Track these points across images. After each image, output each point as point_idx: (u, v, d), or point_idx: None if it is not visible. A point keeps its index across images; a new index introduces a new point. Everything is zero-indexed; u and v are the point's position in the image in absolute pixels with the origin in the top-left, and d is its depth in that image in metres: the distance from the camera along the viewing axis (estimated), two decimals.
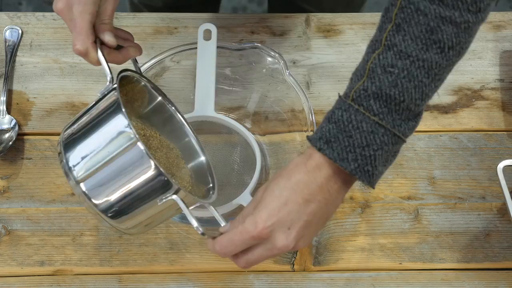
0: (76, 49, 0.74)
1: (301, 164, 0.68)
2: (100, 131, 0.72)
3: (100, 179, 0.71)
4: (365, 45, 1.01)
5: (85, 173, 0.71)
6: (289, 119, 0.91)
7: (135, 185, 0.71)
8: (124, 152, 0.70)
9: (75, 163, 0.72)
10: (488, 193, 0.94)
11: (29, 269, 0.88)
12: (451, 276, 0.90)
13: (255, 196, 0.71)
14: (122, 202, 0.72)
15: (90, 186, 0.71)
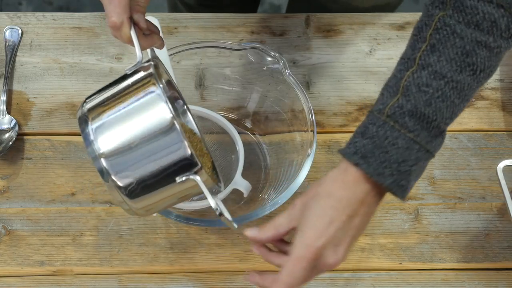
0: (111, 21, 0.73)
1: (339, 180, 0.69)
2: (132, 104, 0.71)
3: (125, 152, 0.70)
4: (365, 45, 1.01)
5: (110, 145, 0.70)
6: (289, 119, 0.91)
7: (160, 160, 0.70)
8: (156, 127, 0.69)
9: (99, 132, 0.70)
10: (488, 193, 0.94)
11: (29, 269, 0.88)
12: (451, 276, 0.90)
13: (290, 211, 0.71)
14: (144, 178, 0.70)
15: (112, 160, 0.70)
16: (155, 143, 0.69)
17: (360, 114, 0.97)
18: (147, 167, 0.70)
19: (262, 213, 0.82)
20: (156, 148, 0.69)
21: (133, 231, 0.90)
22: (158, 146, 0.69)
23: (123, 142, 0.70)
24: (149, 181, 0.70)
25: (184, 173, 0.70)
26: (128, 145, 0.69)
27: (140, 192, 0.71)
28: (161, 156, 0.70)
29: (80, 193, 0.92)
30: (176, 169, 0.70)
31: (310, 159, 0.84)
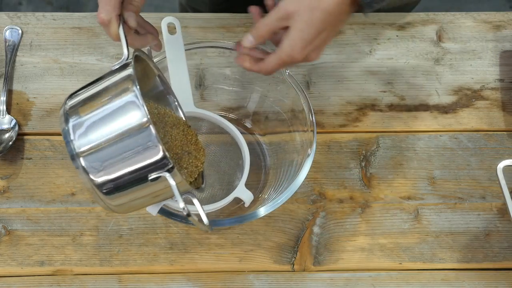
0: (100, 17, 0.75)
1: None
2: (108, 100, 0.72)
3: (101, 151, 0.71)
4: (365, 45, 1.01)
5: (86, 142, 0.71)
6: (289, 119, 0.91)
7: (133, 159, 0.71)
8: (130, 127, 0.70)
9: (77, 131, 0.72)
10: (488, 193, 0.94)
11: (29, 269, 0.88)
12: (451, 276, 0.90)
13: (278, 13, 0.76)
14: (119, 176, 0.72)
15: (89, 158, 0.71)
16: (129, 142, 0.71)
17: (360, 114, 0.97)
18: (121, 165, 0.71)
19: (262, 213, 0.82)
20: (130, 147, 0.71)
21: (133, 231, 0.90)
22: (132, 145, 0.71)
23: (99, 142, 0.71)
24: (124, 179, 0.72)
25: (156, 171, 0.71)
26: (104, 145, 0.71)
27: (115, 190, 0.72)
28: (134, 155, 0.71)
29: (80, 193, 0.92)
30: (149, 167, 0.71)
31: (310, 159, 0.84)
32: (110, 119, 0.72)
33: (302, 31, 0.76)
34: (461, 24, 1.03)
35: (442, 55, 1.01)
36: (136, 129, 0.70)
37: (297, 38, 0.76)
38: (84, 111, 0.73)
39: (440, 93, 0.99)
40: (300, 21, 0.75)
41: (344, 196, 0.93)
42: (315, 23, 0.75)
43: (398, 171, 0.94)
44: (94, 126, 0.72)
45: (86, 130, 0.72)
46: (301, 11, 0.75)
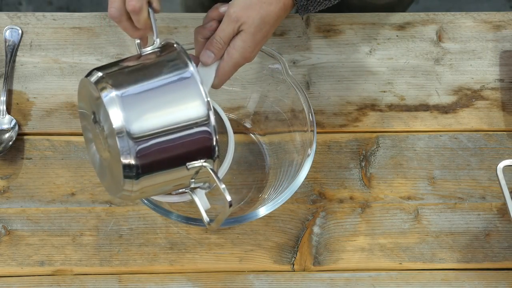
0: (131, 5, 0.75)
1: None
2: (164, 82, 0.71)
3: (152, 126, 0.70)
4: (365, 45, 1.02)
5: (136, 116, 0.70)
6: (289, 119, 0.91)
7: (183, 139, 0.71)
8: (187, 105, 0.71)
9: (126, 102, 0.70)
10: (488, 193, 0.94)
11: (29, 269, 0.88)
12: (451, 276, 0.90)
13: None
14: (162, 156, 0.71)
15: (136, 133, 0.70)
16: (182, 124, 0.71)
17: (360, 114, 0.97)
18: (168, 148, 0.71)
19: (262, 213, 0.82)
20: (182, 129, 0.71)
21: (133, 231, 0.90)
22: (185, 128, 0.71)
23: (152, 119, 0.71)
24: (164, 163, 0.71)
25: (199, 159, 0.72)
26: (155, 123, 0.70)
27: (148, 172, 0.72)
28: (184, 139, 0.71)
29: (80, 193, 0.92)
30: (194, 155, 0.72)
31: (310, 159, 0.84)
32: (164, 97, 0.71)
33: (254, 34, 0.78)
34: (461, 24, 1.03)
35: (442, 55, 1.01)
36: (193, 114, 0.71)
37: (250, 41, 0.79)
38: (131, 84, 0.72)
39: (440, 93, 0.99)
40: (252, 26, 0.78)
41: (344, 196, 0.93)
42: (265, 27, 0.79)
43: (398, 171, 0.94)
44: (146, 101, 0.71)
45: (136, 103, 0.70)
46: (253, 16, 0.78)
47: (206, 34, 0.80)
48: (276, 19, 0.80)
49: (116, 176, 0.74)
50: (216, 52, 0.79)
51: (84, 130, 0.81)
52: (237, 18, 0.78)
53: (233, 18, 0.78)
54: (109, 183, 0.78)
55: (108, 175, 0.78)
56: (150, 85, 0.72)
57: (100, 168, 0.79)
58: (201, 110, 0.72)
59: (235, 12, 0.78)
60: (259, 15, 0.78)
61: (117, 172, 0.73)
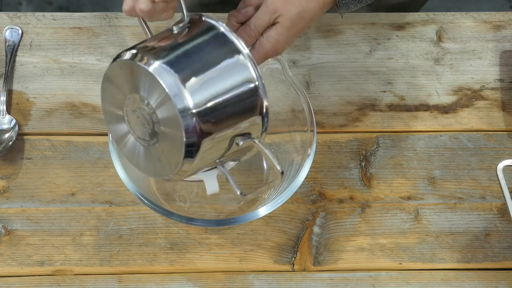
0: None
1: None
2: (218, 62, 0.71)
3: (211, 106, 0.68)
4: (365, 45, 1.02)
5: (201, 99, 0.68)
6: (289, 119, 0.91)
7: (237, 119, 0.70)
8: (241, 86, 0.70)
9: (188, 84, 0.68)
10: (488, 193, 0.94)
11: (29, 269, 0.88)
12: (451, 276, 0.90)
13: None
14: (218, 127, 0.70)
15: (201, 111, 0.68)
16: (235, 94, 0.70)
17: (360, 114, 0.97)
18: (225, 121, 0.70)
19: (262, 213, 0.82)
20: (234, 100, 0.70)
21: (133, 231, 0.90)
22: (237, 99, 0.71)
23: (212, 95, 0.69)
24: (220, 136, 0.71)
25: (248, 135, 0.72)
26: (214, 98, 0.69)
27: (208, 146, 0.70)
28: (237, 116, 0.71)
29: (80, 193, 0.92)
30: (245, 128, 0.72)
31: (310, 159, 0.84)
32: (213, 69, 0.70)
33: (289, 29, 0.78)
34: (461, 24, 1.03)
35: (442, 55, 1.01)
36: (244, 96, 0.70)
37: (284, 35, 0.78)
38: (180, 58, 0.70)
39: (440, 93, 0.99)
40: (289, 19, 0.78)
41: (344, 196, 0.93)
42: (301, 23, 0.79)
43: (398, 171, 0.94)
44: (198, 74, 0.69)
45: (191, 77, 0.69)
46: (290, 10, 0.77)
47: (241, 18, 0.79)
48: (312, 16, 0.79)
49: (170, 158, 0.71)
50: (248, 40, 0.78)
51: (114, 125, 0.77)
52: (275, 9, 0.77)
53: (270, 9, 0.77)
54: (156, 168, 0.75)
55: (154, 161, 0.75)
56: (197, 58, 0.70)
57: (142, 157, 0.76)
58: (250, 76, 0.71)
59: (274, 3, 0.77)
60: (297, 9, 0.77)
61: (172, 153, 0.71)
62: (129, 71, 0.71)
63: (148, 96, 0.70)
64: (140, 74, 0.69)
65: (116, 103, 0.74)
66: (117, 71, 0.72)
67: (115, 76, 0.73)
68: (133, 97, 0.71)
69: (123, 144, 0.77)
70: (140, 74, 0.69)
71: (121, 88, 0.73)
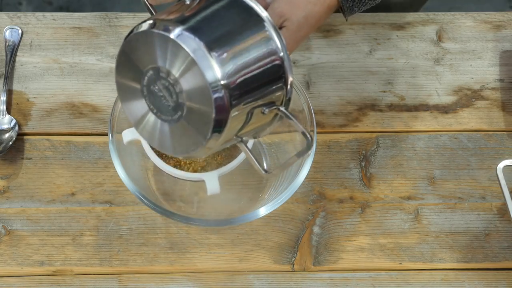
0: None
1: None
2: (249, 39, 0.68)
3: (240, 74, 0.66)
4: (365, 45, 1.02)
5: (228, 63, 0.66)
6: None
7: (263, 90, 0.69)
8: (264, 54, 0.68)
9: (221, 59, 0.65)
10: (488, 193, 0.94)
11: (29, 269, 0.88)
12: (451, 276, 0.90)
13: None
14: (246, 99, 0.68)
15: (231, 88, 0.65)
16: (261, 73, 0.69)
17: (360, 114, 0.97)
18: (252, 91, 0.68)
19: (262, 213, 0.82)
20: (261, 76, 0.69)
21: (133, 231, 0.90)
22: (263, 74, 0.69)
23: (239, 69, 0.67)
24: (248, 108, 0.69)
25: (274, 103, 0.70)
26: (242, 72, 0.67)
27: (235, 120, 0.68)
28: (264, 84, 0.69)
29: (80, 193, 0.92)
30: (273, 100, 0.70)
31: (310, 159, 0.84)
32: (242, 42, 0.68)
33: (295, 32, 0.78)
34: (461, 24, 1.03)
35: (442, 55, 1.01)
36: (269, 62, 0.68)
37: (290, 39, 0.78)
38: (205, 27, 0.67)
39: (440, 93, 0.99)
40: (295, 23, 0.78)
41: (344, 196, 0.93)
42: (307, 27, 0.79)
43: (398, 171, 0.94)
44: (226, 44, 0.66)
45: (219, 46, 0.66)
46: (296, 14, 0.78)
47: None
48: (318, 19, 0.79)
49: (196, 133, 0.68)
50: None
51: (132, 106, 0.72)
52: (281, 13, 0.77)
53: (277, 13, 0.77)
54: (180, 145, 0.71)
55: (178, 138, 0.71)
56: (219, 24, 0.67)
57: (164, 135, 0.72)
58: (275, 45, 0.69)
59: (280, 7, 0.78)
60: (303, 13, 0.78)
61: (198, 127, 0.67)
62: (148, 42, 0.66)
63: (170, 66, 0.65)
64: (160, 43, 0.65)
65: (133, 81, 0.70)
66: (134, 45, 0.68)
67: (132, 51, 0.68)
68: (153, 70, 0.67)
69: (142, 125, 0.72)
70: (160, 43, 0.65)
71: (139, 62, 0.68)
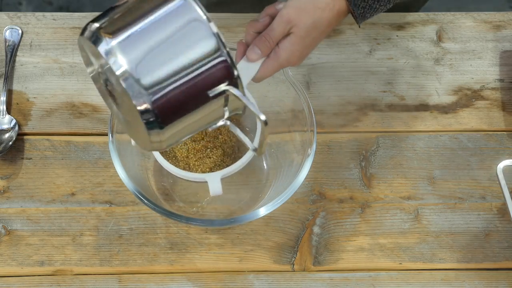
0: None
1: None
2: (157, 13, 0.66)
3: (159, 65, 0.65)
4: (365, 45, 1.01)
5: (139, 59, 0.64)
6: (289, 119, 0.91)
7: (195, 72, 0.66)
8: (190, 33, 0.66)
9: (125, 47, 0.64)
10: (488, 193, 0.94)
11: (29, 269, 0.88)
12: (451, 276, 0.90)
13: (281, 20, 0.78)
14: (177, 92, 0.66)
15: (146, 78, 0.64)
16: (190, 51, 0.66)
17: (360, 114, 0.97)
18: (181, 82, 0.66)
19: (262, 213, 0.82)
20: (191, 56, 0.66)
21: (133, 231, 0.90)
22: (192, 56, 0.66)
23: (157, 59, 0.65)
24: (183, 99, 0.67)
25: (218, 85, 0.68)
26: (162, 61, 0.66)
27: (171, 117, 0.67)
28: (196, 67, 0.67)
29: (80, 193, 0.92)
30: (213, 81, 0.67)
31: (310, 159, 0.84)
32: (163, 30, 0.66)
33: (303, 38, 0.78)
34: (461, 24, 1.03)
35: (442, 55, 1.01)
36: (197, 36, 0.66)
37: (298, 45, 0.79)
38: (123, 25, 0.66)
39: (440, 93, 0.99)
40: (303, 29, 0.78)
41: (344, 196, 0.93)
42: (315, 33, 0.79)
43: (398, 171, 0.94)
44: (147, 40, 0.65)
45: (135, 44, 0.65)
46: (304, 20, 0.78)
47: (258, 28, 0.80)
48: (327, 25, 0.79)
49: (141, 129, 0.68)
50: (263, 50, 0.79)
51: (103, 94, 0.75)
52: (289, 19, 0.78)
53: (285, 19, 0.78)
54: (139, 138, 0.73)
55: (135, 131, 0.73)
56: (147, 23, 0.66)
57: (128, 127, 0.75)
58: (206, 33, 0.66)
59: (288, 13, 0.78)
60: (311, 19, 0.78)
61: (140, 124, 0.68)
62: (89, 48, 0.68)
63: (104, 71, 0.67)
64: (91, 50, 0.67)
65: (94, 73, 0.73)
66: (82, 45, 0.70)
67: (82, 49, 0.71)
68: (97, 70, 0.70)
69: (117, 118, 0.75)
70: (91, 50, 0.67)
71: (90, 61, 0.71)
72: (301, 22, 0.78)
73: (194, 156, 0.87)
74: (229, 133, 0.88)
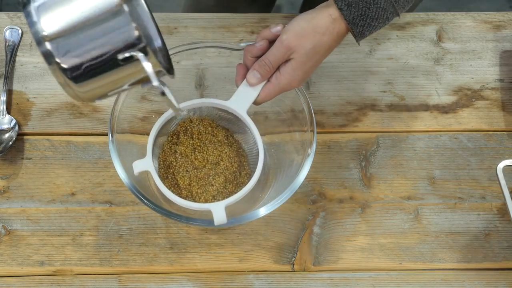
0: None
1: (320, 19, 0.80)
2: None
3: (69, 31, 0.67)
4: (365, 45, 1.01)
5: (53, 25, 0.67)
6: (289, 119, 0.91)
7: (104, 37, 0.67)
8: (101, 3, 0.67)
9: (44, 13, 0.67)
10: (488, 193, 0.94)
11: (29, 269, 0.88)
12: (451, 276, 0.90)
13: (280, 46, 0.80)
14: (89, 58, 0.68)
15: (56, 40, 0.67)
16: (100, 20, 0.67)
17: (360, 114, 0.97)
18: (91, 45, 0.68)
19: (262, 213, 0.82)
20: (101, 23, 0.67)
21: (133, 231, 0.90)
22: (102, 21, 0.67)
23: (66, 21, 0.67)
24: (94, 61, 0.68)
25: (129, 50, 0.68)
26: (72, 23, 0.67)
27: (85, 74, 0.69)
28: (105, 33, 0.68)
29: (80, 193, 0.92)
30: (122, 46, 0.68)
31: (310, 159, 0.84)
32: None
33: (304, 63, 0.80)
34: (461, 24, 1.03)
35: (442, 55, 1.01)
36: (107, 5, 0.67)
37: (299, 70, 0.80)
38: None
39: (440, 93, 0.99)
40: (304, 55, 0.79)
41: (344, 196, 0.93)
42: (316, 57, 0.80)
43: (398, 171, 0.94)
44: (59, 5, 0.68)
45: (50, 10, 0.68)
46: (305, 46, 0.79)
47: (256, 53, 0.82)
48: (327, 49, 0.80)
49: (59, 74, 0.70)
50: (263, 74, 0.81)
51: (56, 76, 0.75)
52: (289, 45, 0.79)
53: (285, 45, 0.79)
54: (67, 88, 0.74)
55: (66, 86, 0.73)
56: None
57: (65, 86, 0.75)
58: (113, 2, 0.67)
59: (288, 39, 0.79)
60: (311, 44, 0.79)
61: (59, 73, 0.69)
62: None
63: None
64: None
65: None
66: None
67: None
68: None
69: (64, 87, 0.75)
70: None
71: None
72: (301, 48, 0.79)
73: (196, 184, 0.87)
74: (230, 159, 0.89)
